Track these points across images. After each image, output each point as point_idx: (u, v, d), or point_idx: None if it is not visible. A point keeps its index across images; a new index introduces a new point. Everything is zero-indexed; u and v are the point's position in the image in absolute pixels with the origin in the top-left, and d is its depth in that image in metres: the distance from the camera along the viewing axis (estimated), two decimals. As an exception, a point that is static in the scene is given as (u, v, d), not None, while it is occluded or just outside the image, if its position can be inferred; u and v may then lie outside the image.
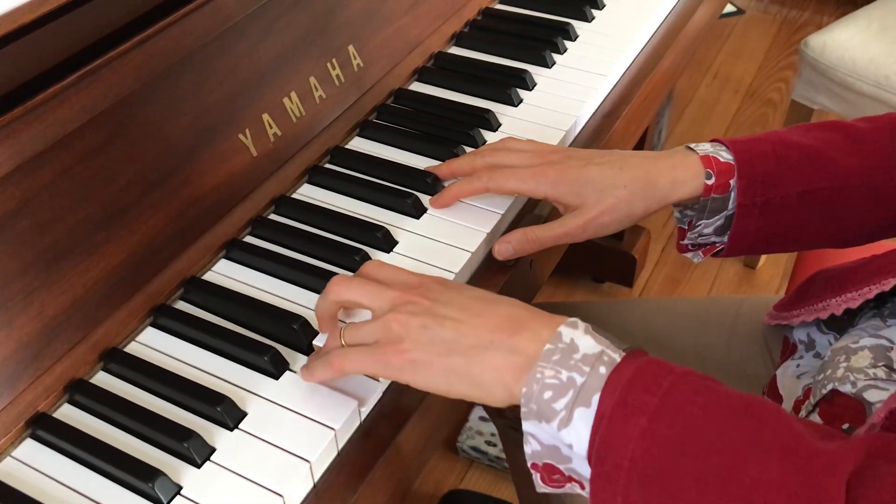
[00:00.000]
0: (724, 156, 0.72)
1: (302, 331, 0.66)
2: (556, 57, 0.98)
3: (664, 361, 0.53)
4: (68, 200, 0.64)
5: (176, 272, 0.71)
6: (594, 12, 1.05)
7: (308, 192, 0.81)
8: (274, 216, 0.79)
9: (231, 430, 0.61)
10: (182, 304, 0.70)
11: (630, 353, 0.53)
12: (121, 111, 0.67)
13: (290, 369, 0.65)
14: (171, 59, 0.70)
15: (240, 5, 0.75)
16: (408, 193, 0.78)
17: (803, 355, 0.77)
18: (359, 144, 0.87)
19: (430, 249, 0.74)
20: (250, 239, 0.76)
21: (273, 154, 0.79)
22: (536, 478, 0.56)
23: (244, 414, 0.62)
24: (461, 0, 1.02)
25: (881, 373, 0.64)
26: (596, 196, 0.71)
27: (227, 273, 0.73)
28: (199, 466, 0.59)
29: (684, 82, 2.38)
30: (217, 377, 0.64)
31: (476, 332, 0.56)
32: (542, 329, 0.55)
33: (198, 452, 0.59)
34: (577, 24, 1.03)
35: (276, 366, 0.64)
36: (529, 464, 0.55)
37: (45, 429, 0.61)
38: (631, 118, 0.96)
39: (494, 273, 0.75)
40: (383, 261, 0.65)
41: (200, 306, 0.70)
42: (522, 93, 0.93)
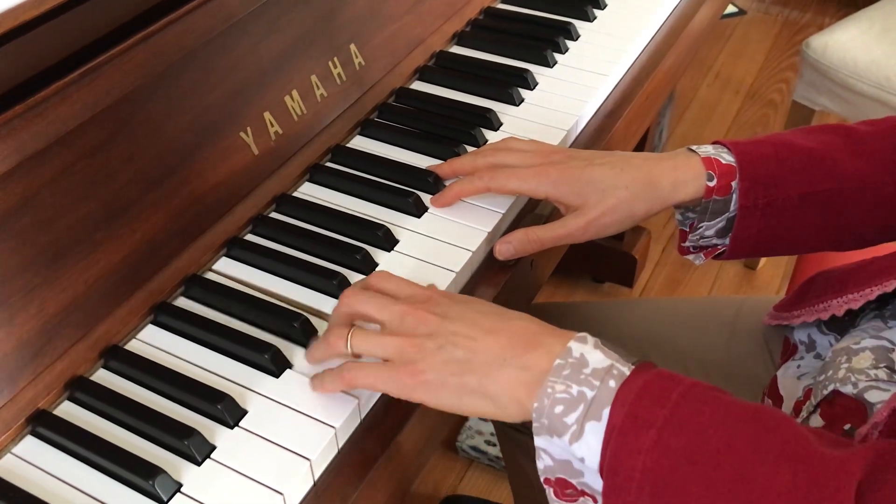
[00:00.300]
0: (726, 158, 0.72)
1: (302, 329, 0.66)
2: (557, 56, 0.98)
3: (673, 373, 0.53)
4: (70, 198, 0.64)
5: (177, 270, 0.71)
6: (596, 12, 1.05)
7: (309, 191, 0.81)
8: (275, 214, 0.79)
9: (231, 427, 0.61)
10: (183, 301, 0.71)
11: (639, 366, 0.54)
12: (122, 109, 0.67)
13: (291, 368, 0.65)
14: (172, 57, 0.70)
15: (242, 3, 0.75)
16: (409, 192, 0.78)
17: (804, 356, 0.77)
18: (360, 143, 0.87)
19: (431, 248, 0.74)
20: (251, 237, 0.76)
21: (274, 152, 0.79)
22: (550, 493, 0.56)
23: (245, 412, 0.62)
24: (463, -1, 1.02)
25: (882, 374, 0.64)
26: (597, 197, 0.71)
27: (228, 271, 0.73)
28: (199, 464, 0.59)
29: (685, 83, 2.38)
30: (218, 375, 0.64)
31: (489, 350, 0.56)
32: (553, 344, 0.55)
33: (198, 450, 0.59)
34: (579, 24, 1.03)
35: (276, 364, 0.64)
36: (542, 479, 0.56)
37: (46, 426, 0.61)
38: (632, 118, 0.96)
39: (495, 273, 0.75)
40: (390, 272, 0.65)
41: (201, 304, 0.70)
42: (524, 92, 0.93)
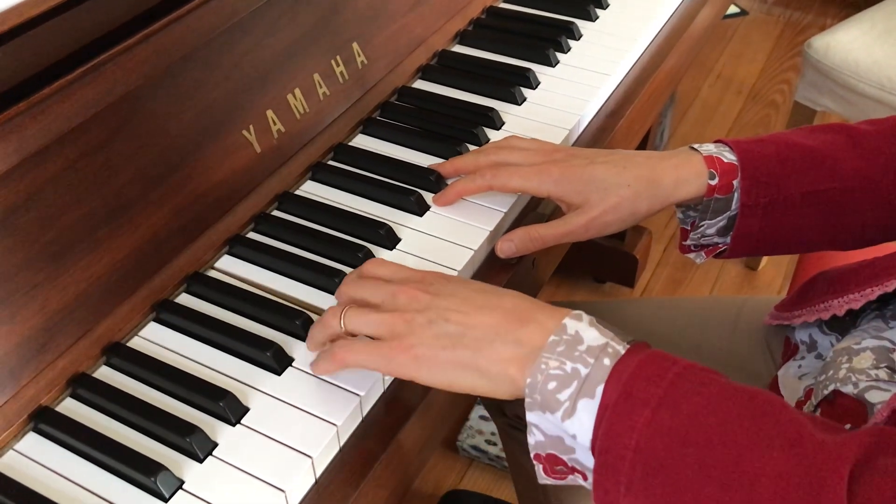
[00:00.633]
0: (728, 156, 0.72)
1: (304, 326, 0.66)
2: (560, 56, 0.98)
3: (668, 354, 0.53)
4: (72, 195, 0.64)
5: (179, 268, 0.71)
6: (598, 12, 1.05)
7: (311, 189, 0.81)
8: (277, 213, 0.79)
9: (233, 425, 0.61)
10: (185, 298, 0.71)
11: (634, 345, 0.54)
12: (125, 107, 0.67)
13: (293, 365, 0.65)
14: (175, 56, 0.70)
15: (244, 2, 0.75)
16: (411, 191, 0.78)
17: (805, 356, 0.77)
18: (362, 142, 0.87)
19: (433, 247, 0.74)
20: (253, 235, 0.76)
21: (277, 150, 0.79)
22: (539, 469, 0.56)
23: (246, 409, 0.62)
24: (465, -2, 1.02)
25: (883, 374, 0.64)
26: (599, 195, 0.71)
27: (230, 269, 0.73)
28: (201, 461, 0.59)
29: (687, 83, 2.38)
30: (220, 372, 0.65)
31: (481, 325, 0.56)
32: (548, 320, 0.55)
33: (200, 447, 0.59)
34: (582, 24, 1.03)
35: (278, 361, 0.64)
36: (532, 454, 0.55)
37: (48, 423, 0.61)
38: (634, 118, 0.96)
39: (497, 271, 0.75)
40: (384, 259, 0.65)
41: (203, 301, 0.70)
42: (526, 91, 0.93)
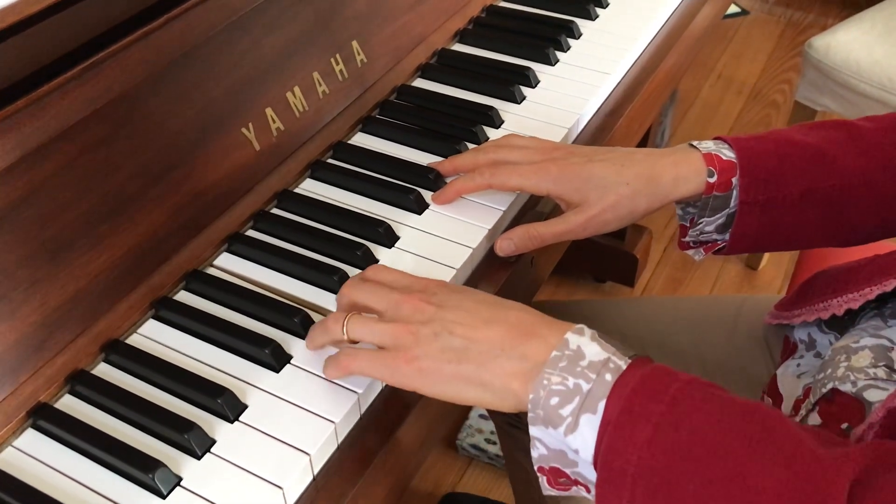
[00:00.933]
0: (727, 154, 0.72)
1: (302, 324, 0.66)
2: (559, 55, 0.98)
3: (670, 369, 0.53)
4: (71, 192, 0.64)
5: (178, 265, 0.71)
6: (598, 11, 1.05)
7: (310, 187, 0.81)
8: (276, 210, 0.79)
9: (231, 422, 0.61)
10: (184, 296, 0.71)
11: (636, 360, 0.54)
12: (124, 104, 0.67)
13: (291, 363, 0.65)
14: (174, 53, 0.70)
15: (243, 0, 0.75)
16: (410, 189, 0.78)
17: (804, 355, 0.77)
18: (361, 140, 0.87)
19: (432, 245, 0.74)
20: (252, 233, 0.76)
21: (276, 148, 0.79)
22: (543, 481, 0.56)
23: (245, 406, 0.62)
24: (465, -3, 1.02)
25: (881, 373, 0.64)
26: (598, 193, 0.71)
27: (229, 267, 0.73)
28: (199, 458, 0.59)
29: (688, 83, 2.38)
30: (218, 370, 0.65)
31: (486, 340, 0.56)
32: (550, 335, 0.55)
33: (198, 444, 0.59)
34: (581, 23, 1.03)
35: (276, 359, 0.64)
36: (536, 467, 0.56)
37: (47, 419, 0.61)
38: (634, 117, 0.96)
39: (496, 270, 0.75)
40: (386, 264, 0.65)
41: (202, 299, 0.70)
42: (526, 90, 0.93)
